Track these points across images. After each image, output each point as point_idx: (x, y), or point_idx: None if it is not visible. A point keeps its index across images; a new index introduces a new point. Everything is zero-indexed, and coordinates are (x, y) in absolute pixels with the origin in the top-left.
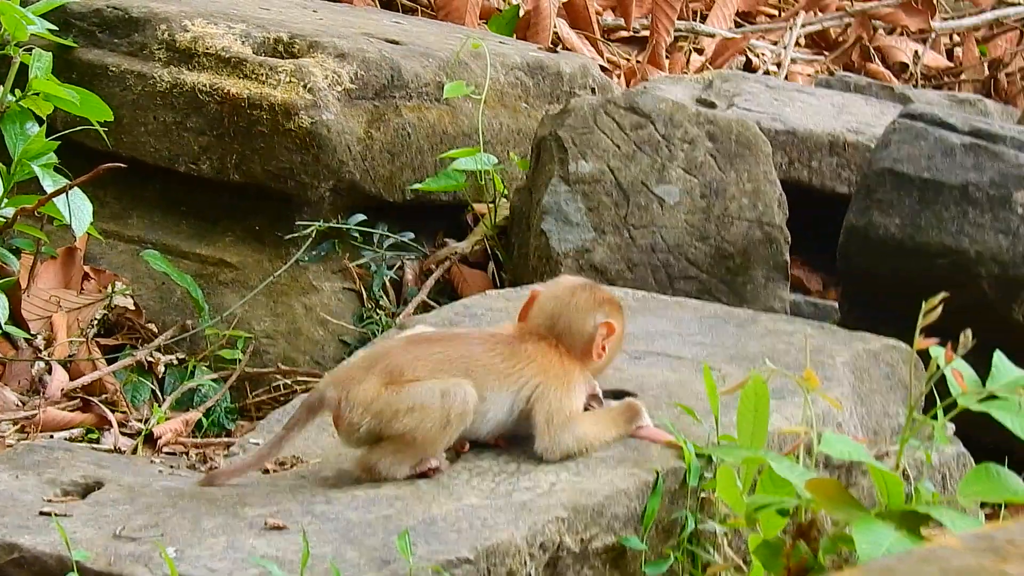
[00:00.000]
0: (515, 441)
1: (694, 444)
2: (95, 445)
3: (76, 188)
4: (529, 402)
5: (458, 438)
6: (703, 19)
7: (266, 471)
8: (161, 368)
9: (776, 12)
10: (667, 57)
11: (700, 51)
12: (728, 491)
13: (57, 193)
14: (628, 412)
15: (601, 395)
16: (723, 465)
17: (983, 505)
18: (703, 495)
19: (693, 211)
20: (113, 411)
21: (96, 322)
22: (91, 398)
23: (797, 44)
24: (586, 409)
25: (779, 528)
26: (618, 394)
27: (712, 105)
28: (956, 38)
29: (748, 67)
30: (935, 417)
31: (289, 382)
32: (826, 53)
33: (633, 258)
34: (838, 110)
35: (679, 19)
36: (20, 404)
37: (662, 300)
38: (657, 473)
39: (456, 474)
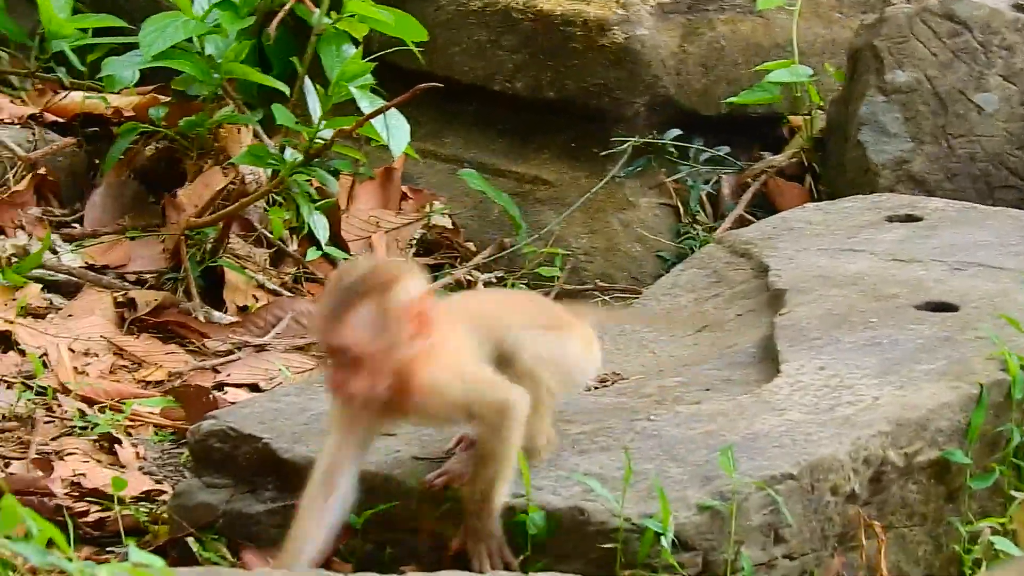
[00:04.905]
0: (837, 356)
1: (1019, 356)
2: None
3: (393, 108)
4: None
5: None
6: None
7: (587, 388)
8: (480, 286)
9: None
10: None
11: None
12: None
13: (375, 114)
14: None
15: None
16: None
17: None
18: None
19: (1012, 119)
20: None
21: (415, 241)
22: None
23: None
24: None
25: None
26: (939, 306)
27: None
28: None
29: None
30: None
31: (608, 298)
32: None
33: (952, 168)
34: None
35: None
36: None
37: (982, 210)
38: (981, 386)
39: (777, 389)
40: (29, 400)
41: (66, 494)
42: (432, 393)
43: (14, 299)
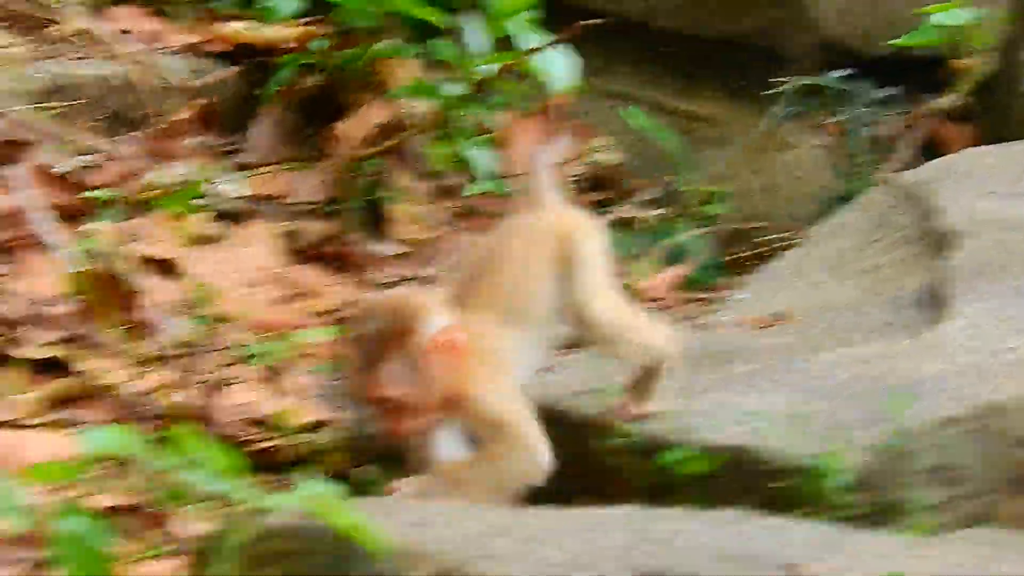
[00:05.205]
0: (1006, 299)
1: None
2: None
3: (558, 44)
4: None
5: None
6: None
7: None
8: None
9: None
10: None
11: None
12: None
13: (537, 49)
14: None
15: None
16: None
17: None
18: None
19: None
20: None
21: (579, 178)
22: None
23: None
24: None
25: None
26: None
27: None
28: None
29: None
30: None
31: (770, 238)
32: None
33: None
34: None
35: None
36: None
37: None
38: None
39: (946, 332)
40: (195, 328)
41: (232, 423)
42: (474, 408)
43: (178, 227)
